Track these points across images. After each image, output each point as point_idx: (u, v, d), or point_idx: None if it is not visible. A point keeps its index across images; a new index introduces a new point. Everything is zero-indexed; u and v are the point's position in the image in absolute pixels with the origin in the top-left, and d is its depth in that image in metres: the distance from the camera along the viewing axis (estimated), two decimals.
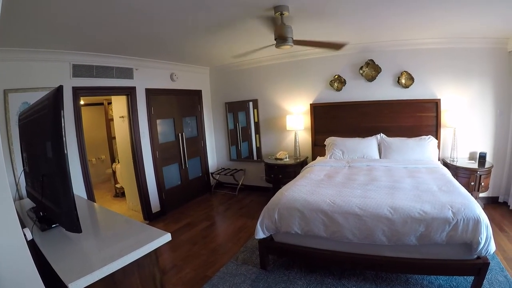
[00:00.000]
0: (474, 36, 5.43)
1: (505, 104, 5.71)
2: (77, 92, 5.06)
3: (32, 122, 2.31)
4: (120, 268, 1.86)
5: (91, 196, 5.25)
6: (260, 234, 3.93)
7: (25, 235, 1.63)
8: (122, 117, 6.42)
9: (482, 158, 5.50)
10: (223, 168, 8.34)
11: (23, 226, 1.92)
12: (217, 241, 5.18)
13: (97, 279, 1.71)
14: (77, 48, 4.77)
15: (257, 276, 3.95)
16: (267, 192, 7.12)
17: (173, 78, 6.98)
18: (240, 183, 7.97)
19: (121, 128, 6.61)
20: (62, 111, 1.83)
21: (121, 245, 2.05)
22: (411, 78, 6.06)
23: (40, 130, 2.14)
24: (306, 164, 6.42)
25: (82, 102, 5.58)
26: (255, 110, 7.78)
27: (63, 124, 1.82)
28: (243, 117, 8.10)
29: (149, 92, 6.36)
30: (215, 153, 8.61)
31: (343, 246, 3.65)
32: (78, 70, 5.04)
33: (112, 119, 7.39)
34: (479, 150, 5.77)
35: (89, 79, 5.23)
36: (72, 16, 3.36)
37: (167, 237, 2.18)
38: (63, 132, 1.82)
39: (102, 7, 3.18)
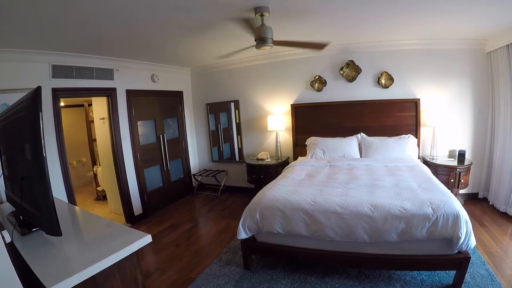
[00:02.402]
0: (453, 37, 5.57)
1: (483, 103, 5.87)
2: (57, 93, 4.98)
3: (11, 124, 2.27)
4: (101, 271, 1.84)
5: (72, 200, 5.17)
6: (242, 234, 3.93)
7: (3, 237, 1.61)
8: (103, 118, 6.36)
9: (461, 155, 5.63)
10: (205, 170, 8.32)
11: (2, 230, 1.89)
12: (200, 243, 5.17)
13: (77, 282, 1.69)
14: (56, 49, 4.70)
15: (241, 276, 3.95)
16: (249, 193, 7.13)
17: (154, 79, 6.93)
18: (222, 184, 7.95)
19: (101, 130, 6.53)
20: (40, 113, 1.80)
21: (102, 248, 2.03)
22: (390, 79, 6.15)
23: (19, 132, 2.11)
24: (288, 164, 6.45)
25: (62, 104, 5.51)
26: (237, 111, 7.79)
27: (41, 126, 1.80)
28: (224, 118, 8.10)
29: (130, 93, 6.31)
30: (197, 155, 8.59)
31: (325, 244, 3.69)
32: (58, 71, 4.96)
33: (93, 121, 7.30)
34: (458, 148, 5.92)
35: (69, 80, 5.15)
36: (52, 16, 3.32)
37: (147, 239, 2.16)
38: (42, 134, 1.80)
39: (83, 7, 3.15)
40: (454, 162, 5.59)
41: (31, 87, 4.18)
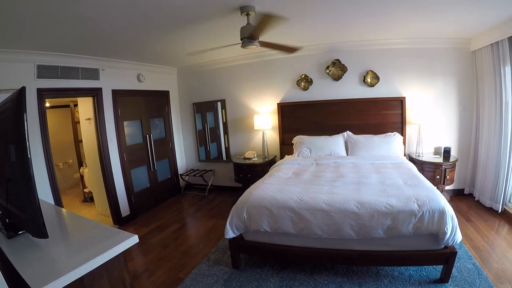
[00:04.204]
0: (438, 36, 5.67)
1: (468, 101, 5.98)
2: (42, 93, 4.92)
3: None
4: (89, 272, 1.83)
5: (58, 202, 5.12)
6: (230, 233, 3.94)
7: None
8: (89, 119, 6.29)
9: (446, 152, 5.74)
10: (192, 169, 8.31)
11: None
12: (188, 243, 5.16)
13: (65, 284, 1.68)
14: (41, 48, 4.64)
15: (230, 276, 3.96)
16: (237, 192, 7.13)
17: (140, 79, 6.89)
18: (210, 184, 7.94)
19: (87, 130, 6.46)
20: (25, 114, 1.79)
21: (89, 249, 2.02)
22: (376, 77, 6.21)
23: (3, 134, 2.09)
24: (275, 163, 6.46)
25: (47, 104, 5.45)
26: (223, 110, 7.79)
27: (26, 127, 1.78)
28: (211, 117, 8.08)
29: (116, 93, 6.26)
30: (184, 154, 8.56)
31: (313, 242, 3.72)
32: (43, 71, 4.90)
33: (79, 122, 7.23)
34: (443, 145, 6.04)
35: (54, 80, 5.09)
36: (35, 15, 3.29)
37: (134, 239, 2.16)
38: (26, 136, 1.78)
39: (67, 6, 3.12)
40: (439, 159, 5.69)
41: (15, 88, 4.13)
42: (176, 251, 4.88)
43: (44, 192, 4.85)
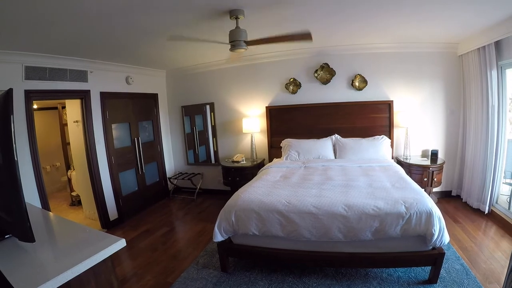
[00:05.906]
0: (426, 41, 5.75)
1: (455, 104, 6.07)
2: (30, 95, 4.85)
3: None
4: (76, 277, 1.81)
5: (45, 205, 5.05)
6: (218, 237, 3.93)
7: None
8: (77, 121, 6.24)
9: (434, 155, 5.79)
10: (181, 173, 8.28)
11: None
12: (177, 247, 5.14)
13: None
14: (29, 49, 4.59)
15: (218, 279, 3.95)
16: (225, 195, 7.05)
17: (129, 81, 6.85)
18: (198, 187, 7.93)
19: (75, 133, 6.40)
20: (11, 116, 1.77)
21: (76, 253, 2.00)
22: (364, 81, 6.27)
23: None
24: (263, 166, 6.50)
25: (35, 106, 5.39)
26: (212, 114, 7.78)
27: (13, 129, 1.76)
28: (200, 120, 8.07)
29: (104, 96, 6.22)
30: (172, 158, 8.53)
31: (301, 244, 3.73)
32: (31, 72, 4.84)
33: (67, 124, 7.17)
34: (431, 147, 6.10)
35: (42, 81, 5.04)
36: (23, 16, 3.25)
37: (121, 243, 2.14)
38: (13, 138, 1.76)
39: (56, 6, 3.10)
40: (427, 162, 5.75)
41: (2, 89, 4.10)
42: (165, 255, 4.85)
43: (31, 195, 4.80)
